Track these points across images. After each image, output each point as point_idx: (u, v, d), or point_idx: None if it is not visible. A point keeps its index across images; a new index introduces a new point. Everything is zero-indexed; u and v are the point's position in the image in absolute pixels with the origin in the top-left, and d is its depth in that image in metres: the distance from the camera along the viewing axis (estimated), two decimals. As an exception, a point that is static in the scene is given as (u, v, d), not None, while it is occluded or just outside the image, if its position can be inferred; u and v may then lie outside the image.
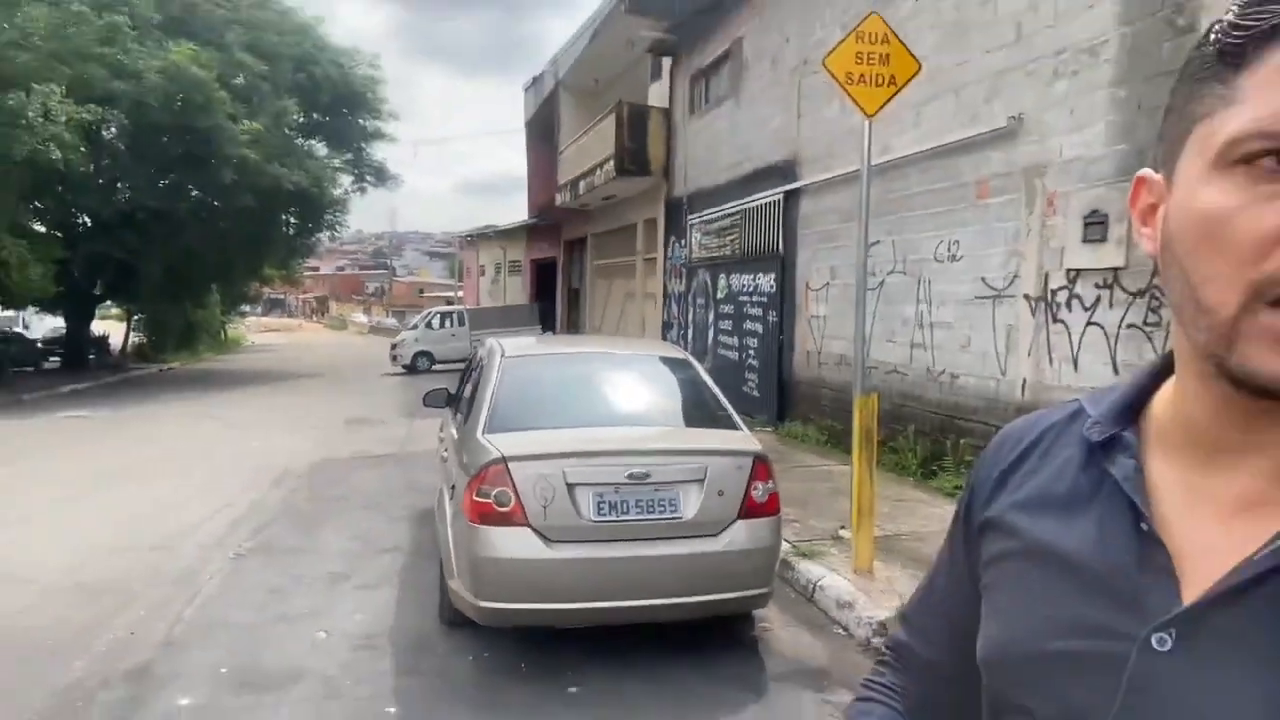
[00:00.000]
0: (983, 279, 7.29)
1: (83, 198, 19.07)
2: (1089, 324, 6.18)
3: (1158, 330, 5.60)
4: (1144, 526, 0.63)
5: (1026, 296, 6.78)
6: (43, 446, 10.96)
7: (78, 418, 13.96)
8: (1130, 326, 5.82)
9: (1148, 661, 0.59)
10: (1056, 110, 6.48)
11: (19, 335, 24.56)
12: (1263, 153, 0.52)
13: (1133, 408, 0.70)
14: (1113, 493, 0.66)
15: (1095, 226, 6.05)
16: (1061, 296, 6.44)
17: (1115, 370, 5.93)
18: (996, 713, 0.73)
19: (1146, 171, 0.64)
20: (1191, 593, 0.59)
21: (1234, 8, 0.56)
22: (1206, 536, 0.60)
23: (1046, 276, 6.58)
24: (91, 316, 24.29)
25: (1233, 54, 0.55)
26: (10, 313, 26.76)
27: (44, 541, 6.28)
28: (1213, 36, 0.57)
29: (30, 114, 14.00)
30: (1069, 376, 6.35)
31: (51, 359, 23.83)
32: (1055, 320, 6.49)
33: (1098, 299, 6.11)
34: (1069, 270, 6.35)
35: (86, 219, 20.32)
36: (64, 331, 23.96)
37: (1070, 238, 6.30)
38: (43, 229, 19.14)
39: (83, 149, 15.99)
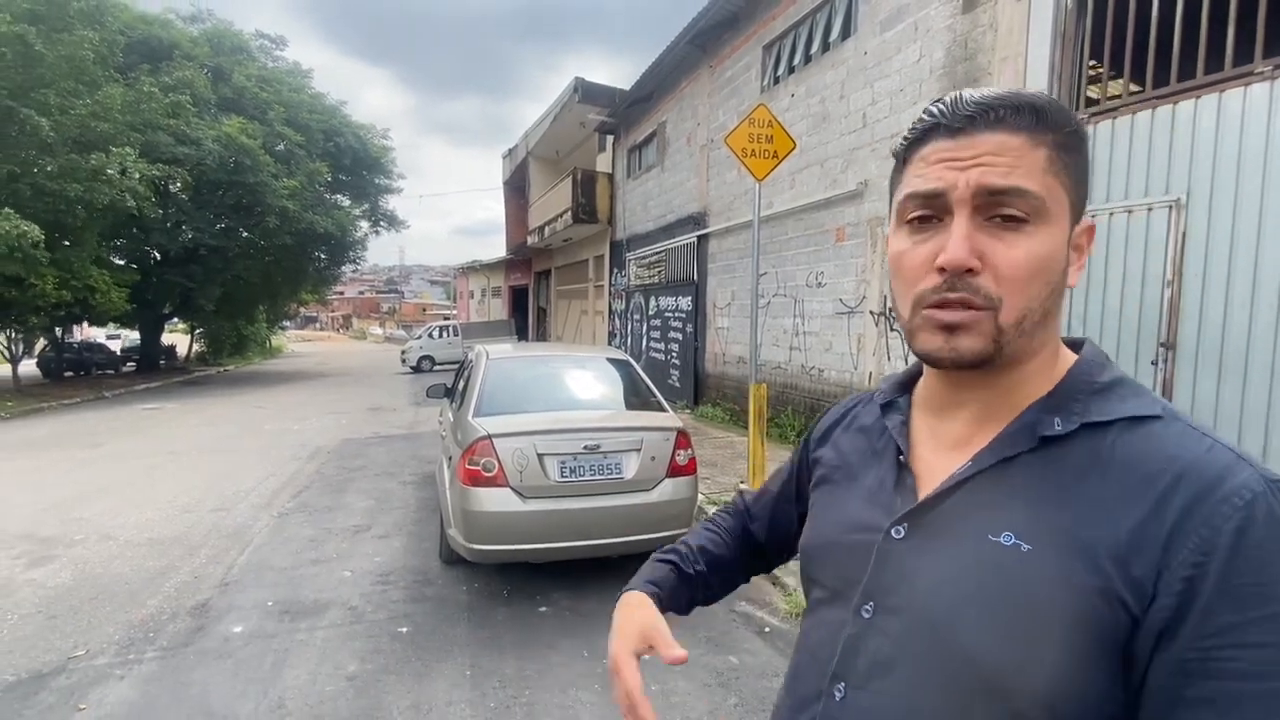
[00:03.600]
0: (840, 300, 7.45)
1: (154, 237, 18.19)
2: (916, 332, 6.35)
3: (963, 336, 5.80)
4: (901, 459, 0.72)
5: (871, 312, 6.95)
6: (124, 432, 10.41)
7: (151, 409, 13.31)
8: (944, 333, 6.01)
9: (889, 544, 0.68)
10: (892, 178, 6.66)
11: (101, 345, 23.68)
12: (913, 212, 0.64)
13: (907, 384, 0.81)
14: (888, 438, 0.76)
15: (919, 262, 6.24)
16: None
17: (934, 365, 6.11)
18: (805, 585, 0.81)
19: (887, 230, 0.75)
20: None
21: (906, 131, 0.69)
22: (936, 463, 0.70)
23: (885, 298, 6.75)
24: (162, 330, 23.26)
25: (901, 156, 0.69)
26: (94, 329, 25.58)
27: (125, 506, 5.94)
28: (902, 139, 0.69)
29: (110, 171, 13.39)
30: (901, 370, 6.52)
31: (129, 364, 22.96)
32: (891, 330, 6.67)
33: (921, 314, 6.29)
34: (901, 293, 6.52)
35: (157, 254, 19.39)
36: (139, 342, 23.02)
37: (902, 270, 6.48)
38: (121, 262, 18.30)
39: (153, 199, 15.39)
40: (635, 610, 0.83)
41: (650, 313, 13.28)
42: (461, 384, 5.05)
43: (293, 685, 3.00)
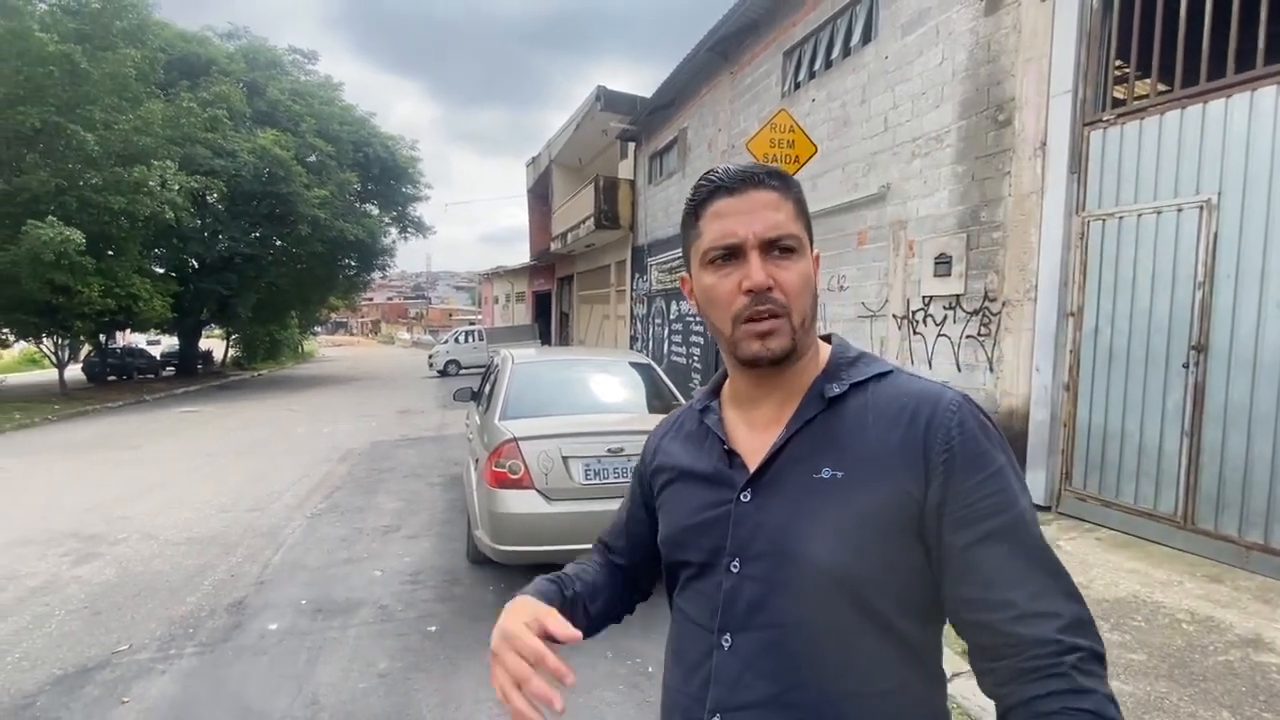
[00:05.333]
0: (863, 303, 7.38)
1: (191, 246, 18.69)
2: (939, 335, 6.26)
3: (987, 339, 5.70)
4: (726, 446, 0.87)
5: (894, 316, 6.87)
6: (163, 434, 10.67)
7: (189, 412, 13.62)
8: (969, 337, 5.91)
9: (741, 508, 0.82)
10: (914, 181, 6.58)
11: (142, 350, 24.33)
12: (716, 255, 0.81)
13: (715, 391, 0.96)
14: (710, 433, 0.90)
15: (943, 265, 6.14)
16: (919, 316, 6.52)
17: (958, 368, 6.00)
18: (671, 572, 0.92)
19: (684, 273, 0.92)
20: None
21: (692, 188, 0.85)
22: (755, 442, 0.85)
23: (908, 301, 6.67)
24: (199, 336, 23.82)
25: (693, 211, 0.85)
26: (135, 335, 26.26)
27: (165, 506, 6.09)
28: (689, 201, 0.85)
29: (151, 183, 13.78)
30: (925, 374, 6.43)
31: (168, 369, 23.53)
32: (915, 333, 6.58)
33: (945, 317, 6.19)
34: (924, 296, 6.43)
35: (194, 263, 19.88)
36: (178, 348, 23.61)
37: (925, 273, 6.39)
38: (161, 270, 18.79)
39: (191, 210, 15.83)
40: (524, 603, 0.87)
41: (671, 317, 13.27)
42: (487, 388, 5.09)
43: (326, 681, 3.04)
